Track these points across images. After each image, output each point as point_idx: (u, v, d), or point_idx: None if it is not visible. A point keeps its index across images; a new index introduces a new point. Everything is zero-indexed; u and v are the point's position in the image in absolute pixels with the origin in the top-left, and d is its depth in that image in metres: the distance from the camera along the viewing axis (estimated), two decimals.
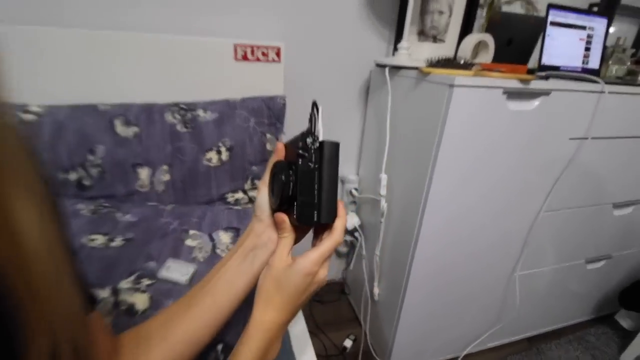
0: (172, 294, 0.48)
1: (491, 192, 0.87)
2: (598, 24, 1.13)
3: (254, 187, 0.79)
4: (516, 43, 1.16)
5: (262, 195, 0.39)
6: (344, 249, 1.32)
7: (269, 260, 0.36)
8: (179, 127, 0.74)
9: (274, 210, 0.38)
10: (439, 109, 0.73)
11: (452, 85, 0.70)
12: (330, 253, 0.37)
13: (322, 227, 0.38)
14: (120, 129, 0.72)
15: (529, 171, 0.88)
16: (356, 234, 1.21)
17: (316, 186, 0.36)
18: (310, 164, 0.36)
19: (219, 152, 0.76)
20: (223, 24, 0.88)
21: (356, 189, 1.21)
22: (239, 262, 0.39)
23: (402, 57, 0.90)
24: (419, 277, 0.93)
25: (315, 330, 1.26)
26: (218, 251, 0.58)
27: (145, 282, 0.48)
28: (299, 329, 0.62)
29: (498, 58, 1.05)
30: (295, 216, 0.35)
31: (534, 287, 1.12)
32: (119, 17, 0.80)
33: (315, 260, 0.35)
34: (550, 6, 1.03)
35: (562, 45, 1.09)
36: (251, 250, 0.39)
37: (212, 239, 0.60)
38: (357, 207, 1.24)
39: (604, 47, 1.20)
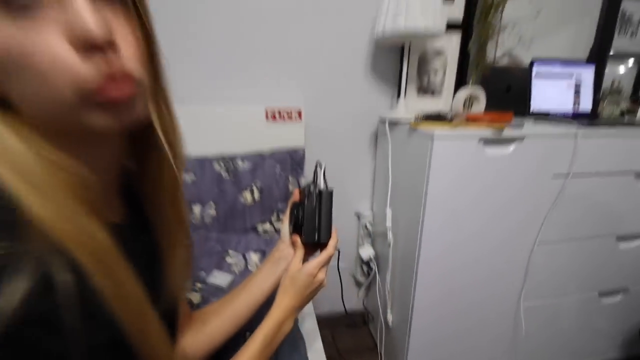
0: (216, 294, 0.67)
1: (484, 226, 0.99)
2: (585, 71, 1.26)
3: (279, 220, 0.99)
4: (514, 90, 1.30)
5: (284, 225, 0.59)
6: (362, 279, 1.45)
7: (287, 267, 0.55)
8: (223, 174, 0.99)
9: (291, 235, 0.58)
10: (425, 155, 0.91)
11: (432, 137, 0.87)
12: (325, 262, 0.55)
13: (321, 245, 0.56)
14: None
15: (519, 206, 0.99)
16: (371, 264, 1.35)
17: (317, 218, 0.55)
18: (312, 204, 0.55)
19: (252, 193, 0.98)
20: (257, 92, 1.15)
21: (370, 223, 1.37)
22: (268, 267, 0.58)
23: (400, 112, 1.10)
24: (424, 304, 1.04)
25: (337, 357, 1.36)
26: (249, 267, 0.77)
27: (198, 285, 0.68)
28: (309, 325, 0.78)
29: (499, 104, 1.20)
30: (303, 237, 0.54)
31: (544, 318, 1.16)
32: (177, 92, 1.09)
33: (315, 265, 0.53)
34: (534, 61, 1.20)
35: (550, 92, 1.24)
36: (277, 260, 0.58)
37: (245, 258, 0.80)
38: (372, 240, 1.39)
39: (597, 91, 1.32)
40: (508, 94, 1.32)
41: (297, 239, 0.56)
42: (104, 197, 0.35)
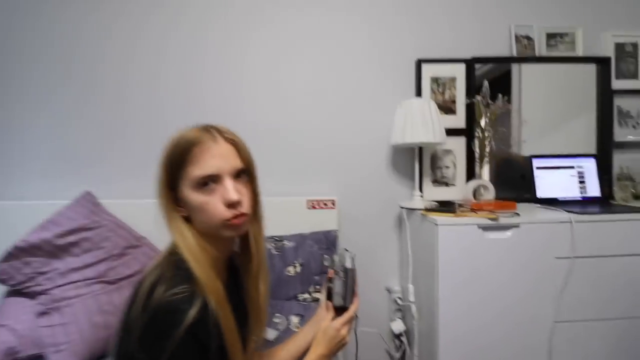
0: (266, 345, 0.89)
1: (497, 304, 1.11)
2: (587, 163, 1.43)
3: (316, 290, 1.22)
4: (527, 178, 1.49)
5: (322, 295, 0.83)
6: (395, 354, 1.53)
7: (321, 325, 0.76)
8: (273, 251, 1.27)
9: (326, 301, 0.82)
10: (434, 238, 1.12)
11: (437, 224, 1.10)
12: (347, 320, 0.74)
13: (346, 309, 0.78)
14: None
15: (527, 285, 1.11)
16: (402, 339, 1.45)
17: (343, 289, 0.78)
18: (341, 278, 0.79)
19: (294, 267, 1.24)
20: (301, 188, 1.49)
21: (400, 298, 1.51)
22: (310, 326, 0.80)
23: (414, 202, 1.35)
24: None
25: None
26: (290, 326, 1.00)
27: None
28: None
29: (514, 189, 1.43)
30: (333, 302, 0.77)
31: None
32: None
33: (340, 322, 0.73)
34: (532, 157, 1.41)
35: (554, 181, 1.41)
36: (317, 321, 0.79)
37: (287, 320, 1.03)
38: (403, 314, 1.51)
39: (604, 178, 1.45)
40: (524, 180, 1.51)
41: (329, 304, 0.79)
42: (222, 267, 0.66)
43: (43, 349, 1.05)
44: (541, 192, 1.39)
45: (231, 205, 0.57)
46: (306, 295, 1.20)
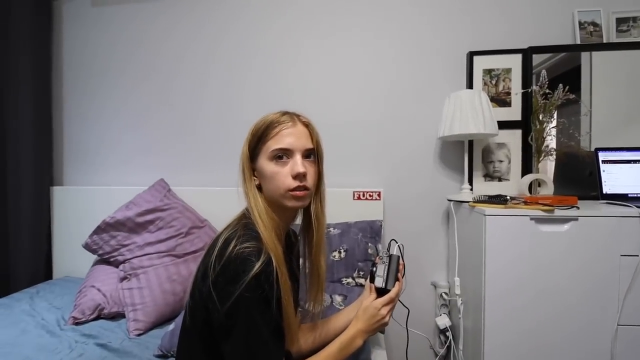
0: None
1: (547, 299, 1.05)
2: None
3: (359, 276, 1.26)
4: (594, 174, 1.38)
5: (368, 280, 0.89)
6: (439, 349, 1.51)
7: (359, 313, 0.80)
8: None
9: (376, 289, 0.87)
10: (481, 230, 1.10)
11: (485, 215, 1.08)
12: (388, 301, 0.77)
13: (387, 292, 0.82)
14: None
15: (588, 285, 1.03)
16: (447, 334, 1.43)
17: (385, 272, 0.82)
18: (384, 263, 0.83)
19: (339, 252, 1.29)
20: (348, 179, 1.54)
21: (446, 293, 1.49)
22: (354, 306, 0.86)
23: (463, 195, 1.32)
24: None
25: None
26: (334, 303, 1.05)
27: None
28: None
29: (579, 187, 1.37)
30: (374, 284, 0.82)
31: None
32: None
33: (380, 302, 0.77)
34: (597, 149, 1.31)
35: (624, 176, 1.29)
36: (360, 302, 0.84)
37: (331, 298, 1.09)
38: (449, 310, 1.48)
39: None
40: (590, 177, 1.40)
41: (372, 285, 0.83)
42: (281, 236, 0.75)
43: (122, 308, 1.23)
44: (608, 187, 1.28)
45: (297, 177, 0.67)
46: (350, 280, 1.25)
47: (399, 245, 0.87)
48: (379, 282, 0.80)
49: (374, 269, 0.83)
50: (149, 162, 1.73)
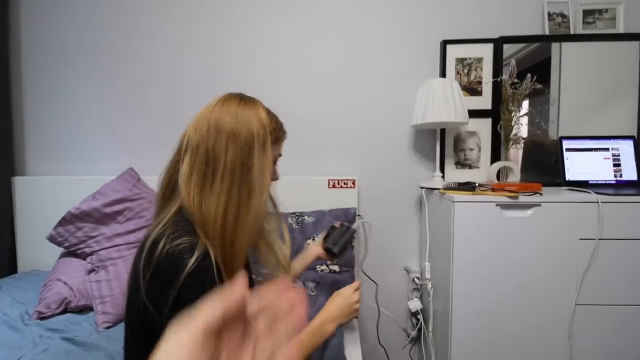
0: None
1: (514, 284, 1.09)
2: (623, 145, 1.35)
3: (333, 263, 1.27)
4: (559, 162, 1.43)
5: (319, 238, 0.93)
6: (412, 332, 1.56)
7: (330, 301, 0.82)
8: (294, 225, 1.34)
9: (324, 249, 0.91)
10: (450, 216, 1.13)
11: (453, 201, 1.10)
12: (356, 287, 0.82)
13: (335, 256, 0.85)
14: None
15: (548, 266, 1.09)
16: (419, 317, 1.47)
17: (337, 237, 0.85)
18: (341, 230, 0.86)
19: (313, 239, 1.30)
20: (322, 168, 1.54)
21: (418, 278, 1.53)
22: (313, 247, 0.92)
23: (434, 183, 1.35)
24: (462, 355, 1.13)
25: None
26: (307, 291, 1.06)
27: None
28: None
29: (545, 174, 1.42)
30: (325, 244, 0.85)
31: None
32: None
33: (350, 288, 0.82)
34: (562, 138, 1.36)
35: (586, 164, 1.35)
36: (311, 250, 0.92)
37: (304, 284, 1.10)
38: (421, 293, 1.53)
39: None
40: (555, 165, 1.45)
41: (322, 243, 0.90)
42: None
43: (90, 301, 1.20)
44: (571, 174, 1.34)
45: (274, 179, 0.76)
46: (323, 267, 1.26)
47: (363, 222, 0.92)
48: (330, 243, 0.89)
49: (331, 231, 0.86)
50: (117, 151, 1.66)
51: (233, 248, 0.62)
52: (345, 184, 1.47)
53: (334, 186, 1.48)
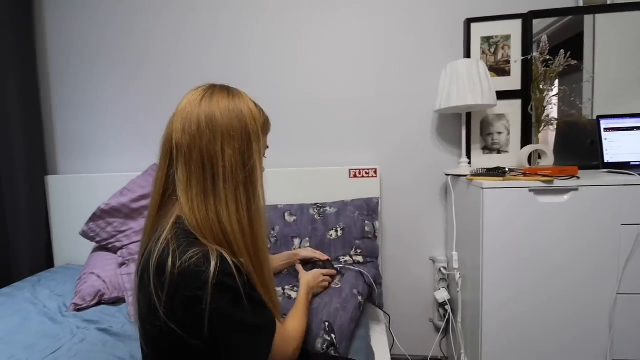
0: None
1: (548, 272, 1.04)
2: None
3: (357, 254, 1.25)
4: (596, 143, 1.34)
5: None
6: (439, 323, 1.52)
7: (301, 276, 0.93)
8: (316, 216, 1.33)
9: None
10: (479, 203, 1.08)
11: (482, 188, 1.05)
12: (327, 273, 0.99)
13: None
14: (287, 217, 1.35)
15: (586, 252, 1.03)
16: (446, 307, 1.44)
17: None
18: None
19: (336, 231, 1.28)
20: (344, 157, 1.51)
21: (444, 267, 1.49)
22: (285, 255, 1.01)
23: (461, 169, 1.30)
24: (494, 348, 1.09)
25: None
26: (332, 284, 1.05)
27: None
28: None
29: (581, 157, 1.33)
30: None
31: None
32: (284, 160, 1.54)
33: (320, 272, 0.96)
34: (599, 117, 1.27)
35: (626, 144, 1.26)
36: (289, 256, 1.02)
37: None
38: (448, 284, 1.49)
39: None
40: (592, 146, 1.36)
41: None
42: None
43: (122, 293, 1.24)
44: (610, 156, 1.25)
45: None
46: (347, 258, 1.24)
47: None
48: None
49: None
50: (142, 147, 1.70)
51: (258, 250, 0.61)
52: (367, 173, 1.44)
53: (355, 176, 1.45)
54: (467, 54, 1.41)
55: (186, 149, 0.57)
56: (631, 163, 1.23)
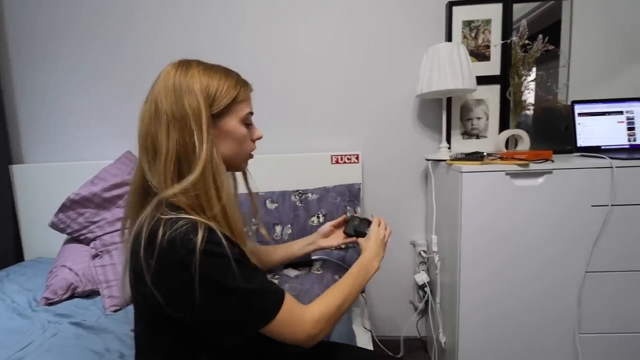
0: (287, 281, 0.96)
1: (523, 252, 1.07)
2: (638, 107, 1.29)
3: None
4: (570, 128, 1.37)
5: (327, 225, 0.94)
6: (419, 305, 1.56)
7: (363, 243, 0.84)
8: (298, 203, 1.31)
9: (346, 234, 0.92)
10: (458, 187, 1.09)
11: (461, 172, 1.06)
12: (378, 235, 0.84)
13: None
14: (269, 204, 1.33)
15: (558, 233, 1.06)
16: (426, 289, 1.47)
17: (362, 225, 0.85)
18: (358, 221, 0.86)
19: (318, 217, 1.27)
20: (325, 143, 1.49)
21: (424, 251, 1.52)
22: (301, 247, 0.96)
23: (441, 154, 1.30)
24: (470, 326, 1.13)
25: None
26: (312, 270, 1.05)
27: (277, 276, 0.99)
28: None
29: (556, 141, 1.36)
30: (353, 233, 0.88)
31: (605, 351, 1.11)
32: (265, 146, 1.50)
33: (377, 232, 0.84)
34: (574, 102, 1.30)
35: (599, 129, 1.29)
36: (307, 246, 0.95)
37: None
38: (427, 267, 1.52)
39: None
40: (566, 132, 1.40)
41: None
42: None
43: (96, 285, 1.19)
44: (583, 140, 1.28)
45: (256, 139, 0.70)
46: None
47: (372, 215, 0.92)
48: (356, 228, 0.92)
49: (351, 220, 0.93)
50: (113, 134, 1.62)
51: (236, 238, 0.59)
52: (348, 159, 1.43)
53: (337, 162, 1.44)
54: (449, 38, 1.40)
55: (142, 136, 0.59)
56: (602, 147, 1.27)
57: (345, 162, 1.43)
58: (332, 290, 0.68)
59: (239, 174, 0.76)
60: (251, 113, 0.67)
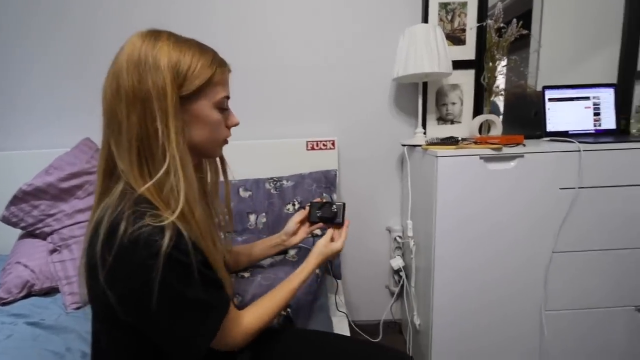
0: (260, 271, 0.93)
1: (495, 233, 1.10)
2: (604, 93, 1.33)
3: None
4: (540, 114, 1.40)
5: (292, 221, 0.90)
6: (394, 289, 1.58)
7: (317, 242, 0.81)
8: (272, 191, 1.27)
9: (310, 222, 0.88)
10: (433, 171, 1.09)
11: (437, 156, 1.06)
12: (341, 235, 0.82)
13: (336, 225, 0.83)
14: (242, 193, 1.28)
15: (529, 215, 1.09)
16: (401, 274, 1.49)
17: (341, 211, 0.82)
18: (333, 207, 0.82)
19: (293, 205, 1.24)
20: (300, 129, 1.45)
21: (400, 236, 1.53)
22: (270, 247, 0.93)
23: (416, 139, 1.30)
24: (443, 304, 1.15)
25: None
26: (287, 257, 1.02)
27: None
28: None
29: (527, 126, 1.39)
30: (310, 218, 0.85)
31: (569, 326, 1.17)
32: (237, 132, 1.44)
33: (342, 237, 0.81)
34: (545, 87, 1.32)
35: (566, 114, 1.33)
36: (277, 245, 0.91)
37: (284, 252, 1.06)
38: (403, 252, 1.54)
39: (622, 110, 1.35)
40: (536, 117, 1.43)
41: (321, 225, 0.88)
42: None
43: (55, 282, 1.11)
44: (552, 125, 1.32)
45: (231, 126, 0.65)
46: None
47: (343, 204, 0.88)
48: (327, 213, 0.87)
49: (319, 206, 0.89)
50: (71, 120, 1.48)
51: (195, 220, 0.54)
52: (324, 145, 1.40)
53: (312, 148, 1.40)
54: (425, 21, 1.38)
55: (108, 115, 0.53)
56: (570, 132, 1.31)
57: (321, 149, 1.40)
58: (279, 290, 0.70)
59: (216, 162, 0.72)
60: (227, 97, 0.61)
